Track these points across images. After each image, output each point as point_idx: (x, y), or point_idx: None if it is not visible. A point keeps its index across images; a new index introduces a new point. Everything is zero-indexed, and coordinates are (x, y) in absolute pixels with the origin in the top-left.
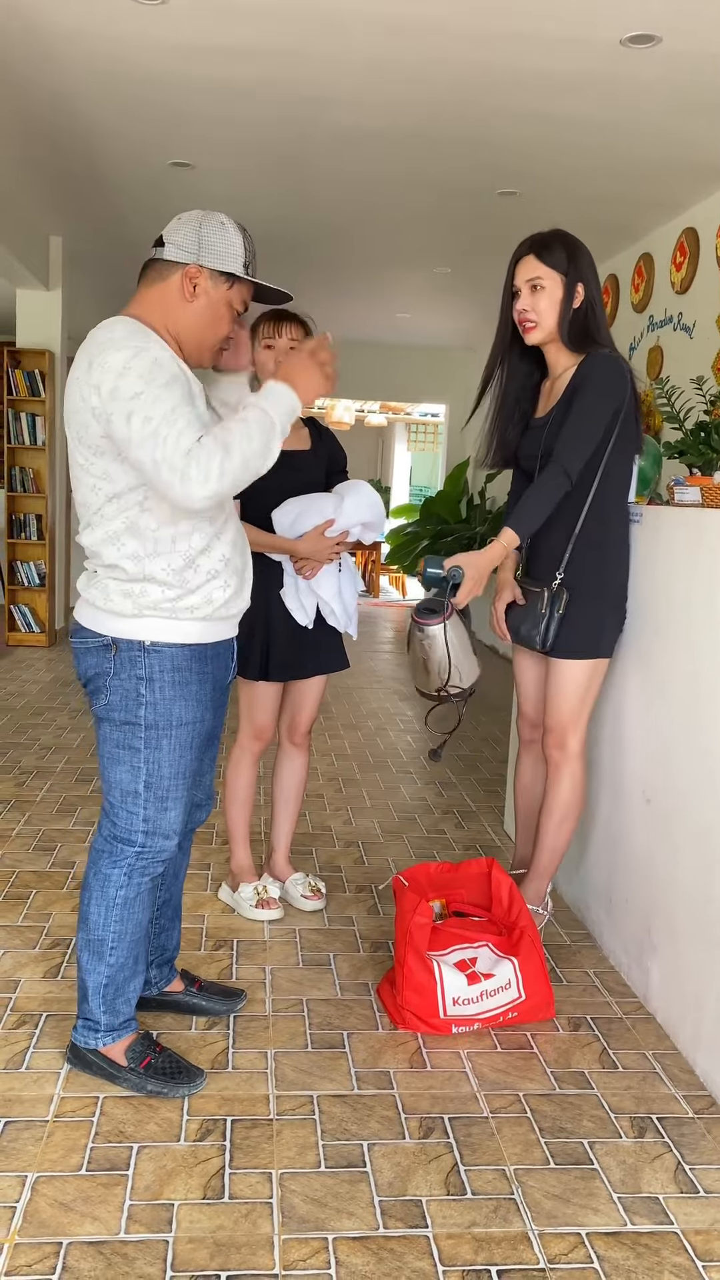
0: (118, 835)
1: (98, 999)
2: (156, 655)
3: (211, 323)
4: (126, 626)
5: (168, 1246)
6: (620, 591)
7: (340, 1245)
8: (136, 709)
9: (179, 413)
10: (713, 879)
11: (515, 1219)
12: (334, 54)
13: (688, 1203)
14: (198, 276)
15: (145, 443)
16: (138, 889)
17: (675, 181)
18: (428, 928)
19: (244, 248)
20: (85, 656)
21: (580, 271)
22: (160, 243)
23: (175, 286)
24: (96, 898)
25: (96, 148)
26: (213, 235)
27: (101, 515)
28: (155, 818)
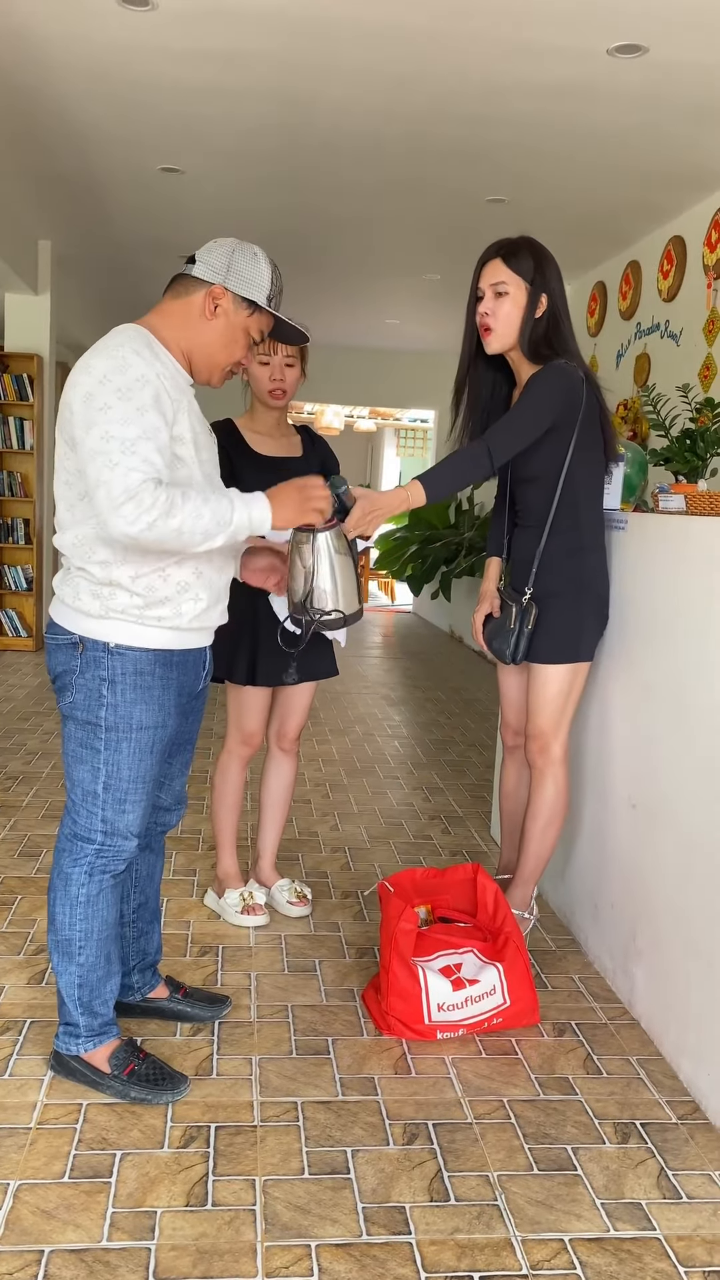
0: (78, 833)
1: (73, 1000)
2: (120, 658)
3: (227, 344)
4: (93, 626)
5: (150, 1254)
6: (601, 596)
7: (323, 1252)
8: (98, 709)
9: (139, 445)
10: (697, 885)
11: (498, 1225)
12: (323, 60)
13: (670, 1208)
14: (221, 298)
15: (96, 458)
16: (100, 886)
17: (663, 190)
18: (413, 933)
19: (271, 281)
20: (55, 653)
21: (546, 282)
22: (192, 260)
23: (198, 304)
24: (60, 897)
25: (86, 152)
26: (243, 263)
27: (73, 515)
28: (113, 819)
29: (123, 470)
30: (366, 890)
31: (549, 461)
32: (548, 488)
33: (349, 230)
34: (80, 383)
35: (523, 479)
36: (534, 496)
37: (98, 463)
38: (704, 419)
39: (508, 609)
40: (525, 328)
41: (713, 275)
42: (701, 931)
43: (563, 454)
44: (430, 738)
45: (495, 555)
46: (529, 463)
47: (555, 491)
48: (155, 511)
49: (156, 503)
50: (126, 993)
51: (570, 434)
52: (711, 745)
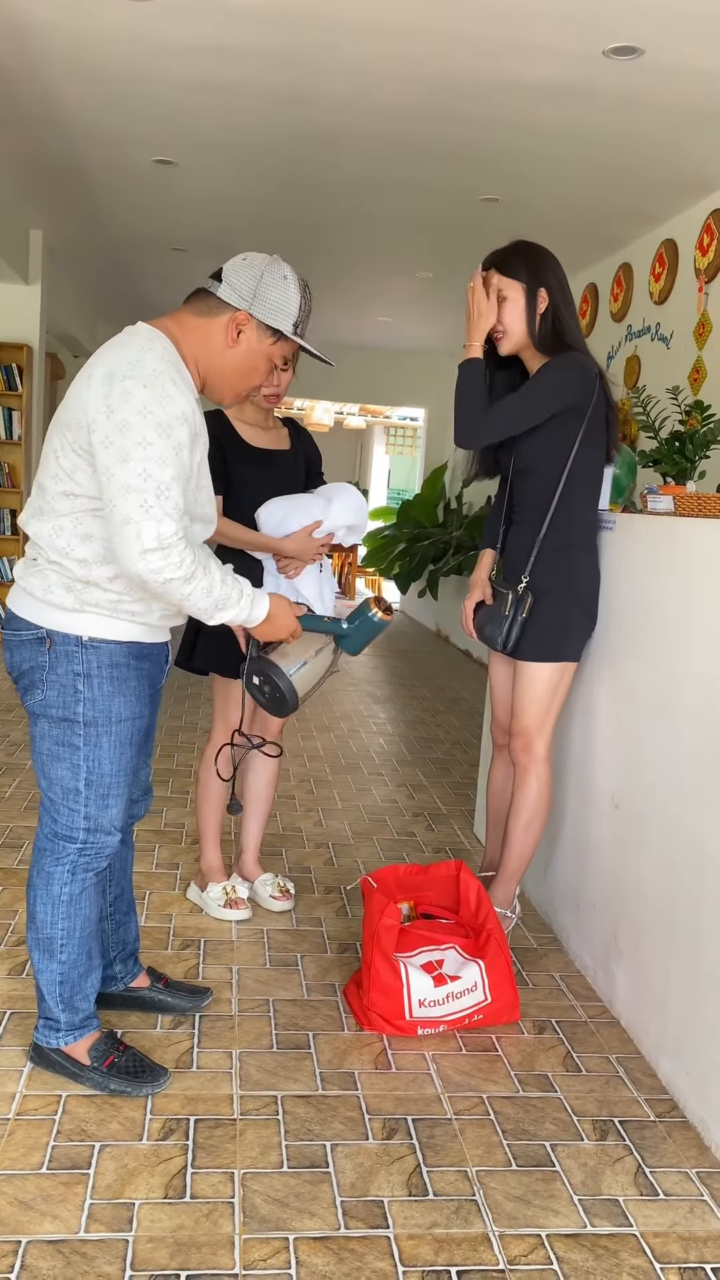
0: (59, 833)
1: (54, 997)
2: (94, 651)
3: (246, 372)
4: (64, 620)
5: (128, 1246)
6: (589, 596)
7: (301, 1245)
8: (75, 706)
9: (173, 490)
10: (679, 885)
11: (476, 1220)
12: (319, 56)
13: (647, 1205)
14: (245, 325)
15: (131, 495)
16: (82, 885)
17: (656, 193)
18: (395, 929)
19: (299, 306)
20: (18, 650)
21: (542, 277)
22: (218, 276)
23: (220, 327)
24: (41, 896)
25: (78, 143)
26: (271, 287)
27: (54, 508)
28: (97, 815)
29: (157, 516)
30: (349, 886)
31: (552, 452)
32: (548, 480)
33: (341, 227)
34: (115, 406)
35: (523, 469)
36: (532, 489)
37: (131, 500)
38: (693, 421)
39: (501, 597)
40: (531, 325)
41: (704, 279)
42: (682, 932)
43: (569, 446)
44: (415, 735)
45: (490, 547)
46: (532, 452)
47: (556, 485)
48: (179, 572)
49: (183, 563)
50: (109, 983)
51: (578, 426)
52: (694, 746)
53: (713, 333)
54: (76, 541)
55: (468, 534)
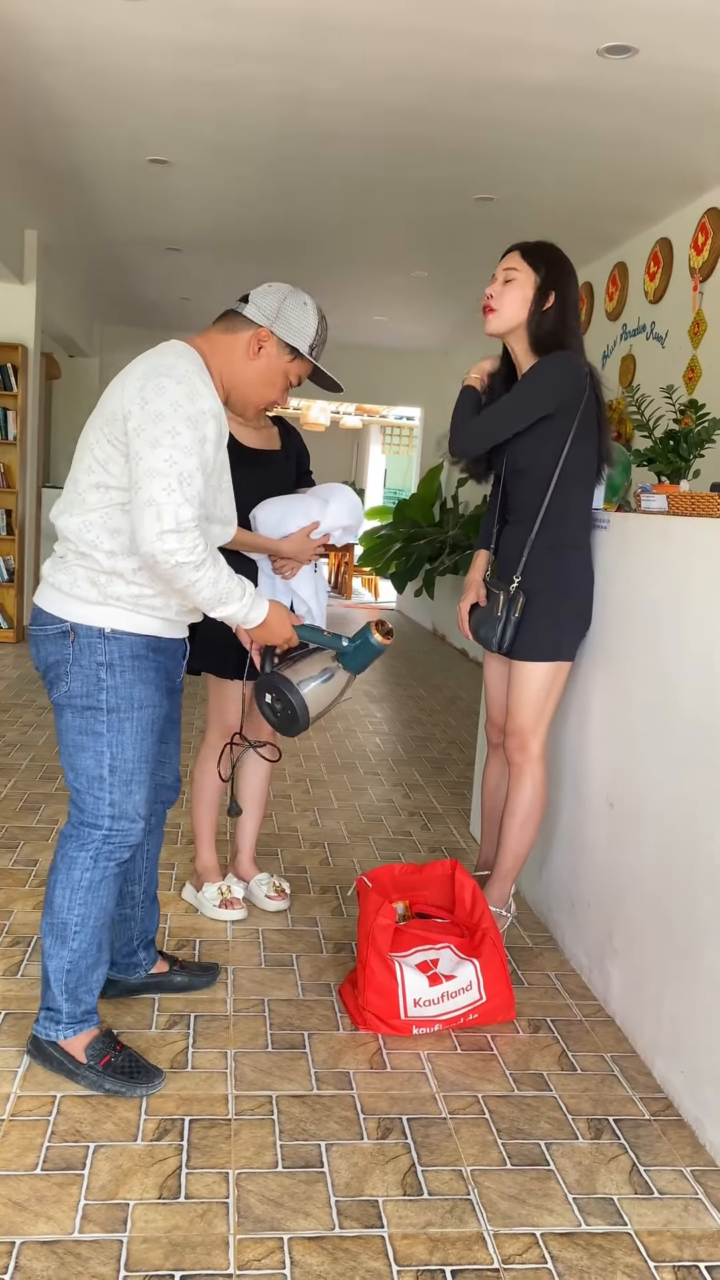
0: (84, 820)
1: (59, 985)
2: (116, 642)
3: (265, 385)
4: (88, 612)
5: (122, 1246)
6: (583, 597)
7: (296, 1245)
8: (98, 694)
9: (195, 478)
10: (674, 884)
11: (471, 1219)
12: (313, 55)
13: (642, 1204)
14: (266, 340)
15: (155, 479)
16: (103, 873)
17: (650, 192)
18: (390, 929)
19: (316, 331)
20: (44, 643)
21: (557, 279)
22: (246, 299)
23: (243, 342)
24: (62, 880)
25: (73, 142)
26: (292, 310)
27: (84, 501)
28: (120, 801)
29: (178, 500)
30: (346, 888)
31: (544, 452)
32: (540, 480)
33: (337, 226)
34: (150, 399)
35: (517, 470)
36: (526, 489)
37: (156, 484)
38: (688, 420)
39: (494, 598)
40: (531, 319)
41: (699, 277)
42: (676, 930)
43: (560, 445)
44: (411, 734)
45: (484, 548)
46: (524, 452)
47: (547, 484)
48: (190, 557)
49: (195, 549)
50: (133, 970)
51: (570, 425)
52: (689, 745)
53: (708, 331)
54: (105, 535)
55: (464, 533)
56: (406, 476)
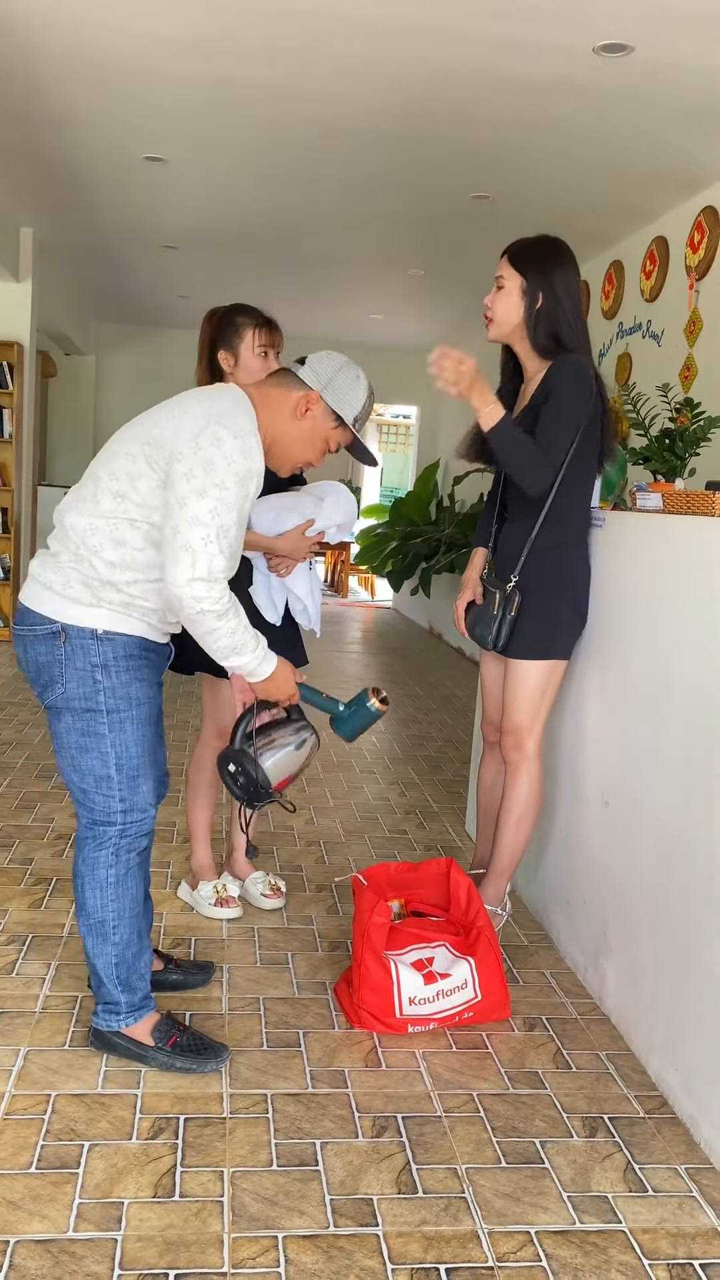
0: (97, 820)
1: (111, 980)
2: (109, 643)
3: (306, 445)
4: (80, 613)
5: (116, 1245)
6: (580, 595)
7: (290, 1243)
8: (95, 696)
9: (231, 532)
10: (669, 882)
11: (465, 1217)
12: (308, 52)
13: (636, 1202)
14: (315, 404)
15: (197, 526)
16: (127, 865)
17: (646, 190)
18: (385, 927)
19: (363, 405)
20: (34, 644)
21: (545, 277)
22: (303, 361)
23: (293, 401)
24: (88, 882)
25: (69, 139)
26: (345, 380)
27: (98, 504)
28: (130, 796)
29: (214, 551)
30: (342, 887)
31: None
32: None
33: (332, 224)
34: (204, 445)
35: None
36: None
37: (197, 533)
38: (683, 419)
39: (491, 596)
40: (527, 321)
41: (694, 276)
42: (672, 928)
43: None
44: (407, 733)
45: (482, 545)
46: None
47: (552, 486)
48: (215, 606)
49: (221, 599)
50: None
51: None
52: (684, 743)
53: (703, 330)
54: (109, 544)
55: (460, 531)
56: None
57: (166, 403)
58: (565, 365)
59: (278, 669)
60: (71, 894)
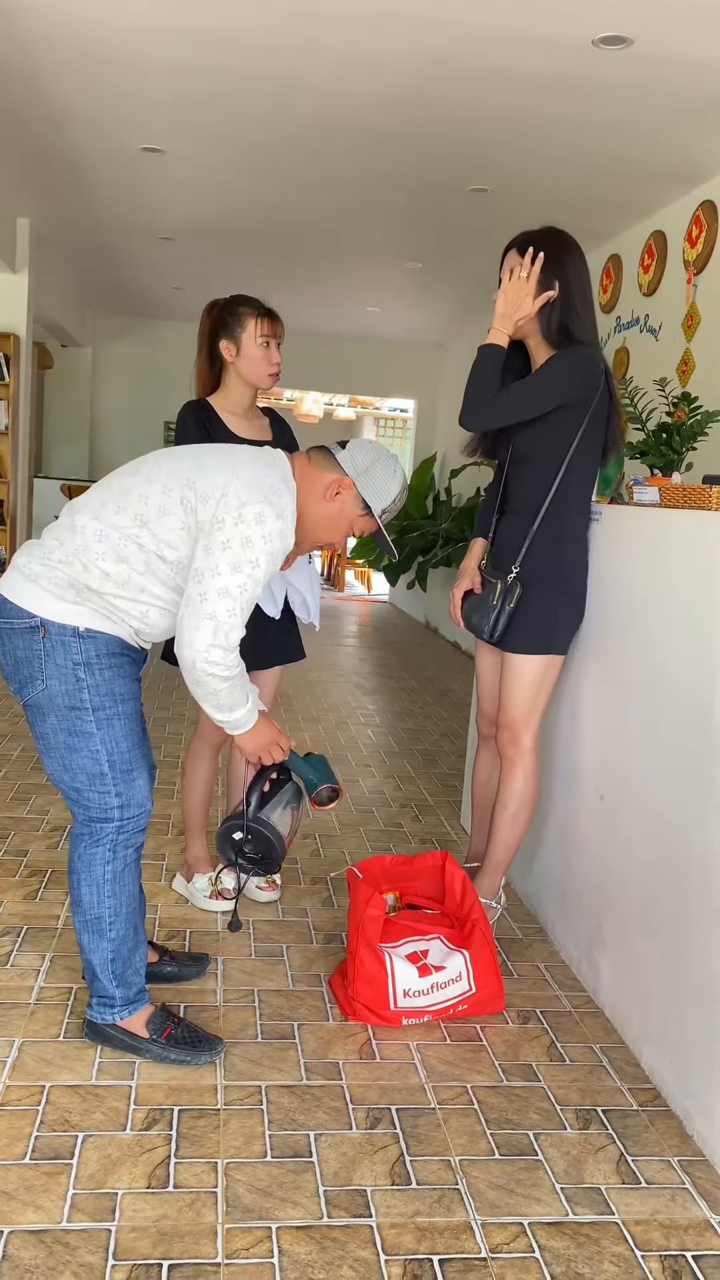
0: (93, 817)
1: (107, 975)
2: (91, 640)
3: (330, 526)
4: (62, 610)
5: (110, 1235)
6: (577, 589)
7: (284, 1234)
8: (79, 694)
9: (251, 606)
10: (663, 876)
11: (458, 1209)
12: (306, 44)
13: (629, 1193)
14: (346, 490)
15: (225, 599)
16: (124, 862)
17: (645, 184)
18: (380, 920)
19: (393, 498)
20: (11, 638)
21: (555, 267)
22: (344, 445)
23: (326, 483)
24: (84, 879)
25: (66, 130)
26: (380, 471)
27: (115, 517)
28: (126, 791)
29: (235, 624)
30: (337, 880)
31: (553, 443)
32: (545, 472)
33: (330, 216)
34: (247, 519)
35: (520, 459)
36: (528, 479)
37: (224, 604)
38: (680, 413)
39: (490, 586)
40: (540, 312)
41: (692, 270)
42: (665, 922)
43: (569, 438)
44: (403, 726)
45: (481, 536)
46: (530, 441)
47: (552, 477)
48: (226, 672)
49: (231, 666)
50: None
51: (581, 419)
52: (679, 738)
53: (701, 324)
54: (111, 557)
55: (457, 525)
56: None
57: (220, 450)
58: (568, 352)
59: (260, 721)
60: (66, 886)
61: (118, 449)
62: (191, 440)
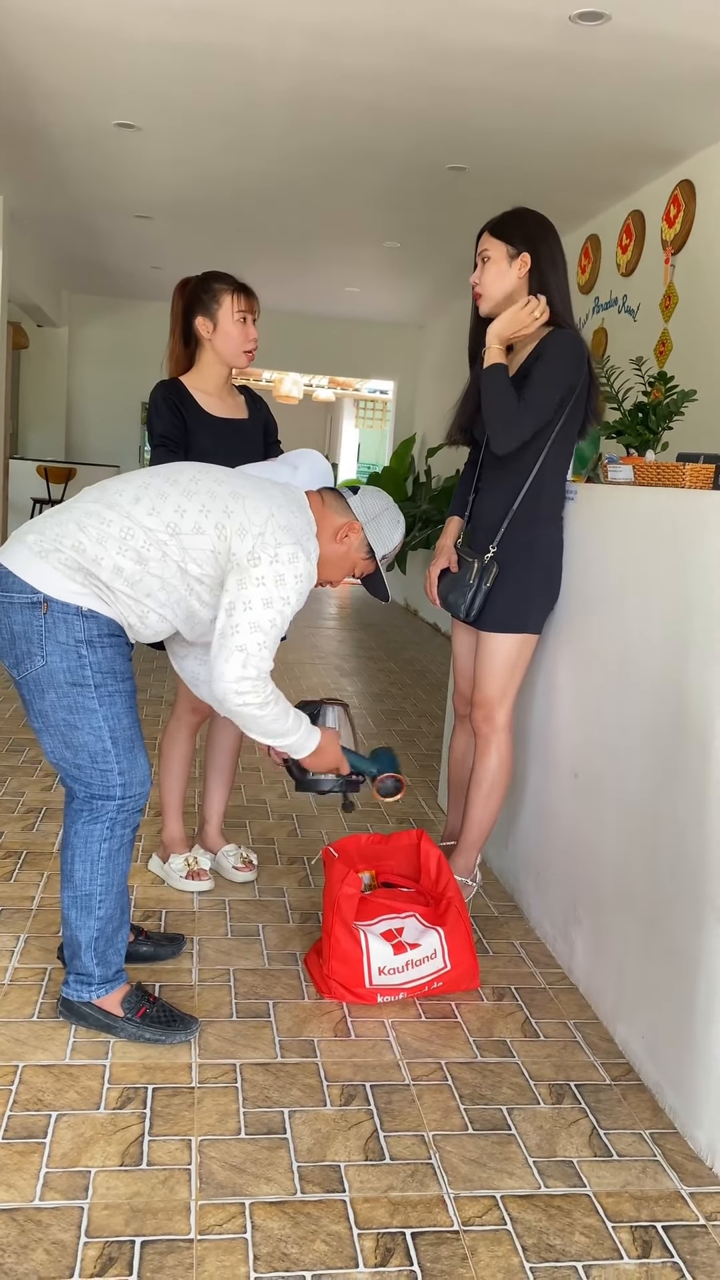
0: (94, 794)
1: (89, 952)
2: (93, 620)
3: (334, 567)
4: (68, 589)
5: (83, 1213)
6: (552, 569)
7: (257, 1210)
8: (81, 670)
9: (277, 642)
10: (635, 853)
11: (432, 1183)
12: (281, 18)
13: (601, 1166)
14: (354, 533)
15: (255, 633)
16: (120, 841)
17: (623, 164)
18: (355, 898)
19: (395, 546)
20: (10, 611)
21: (531, 245)
22: (355, 490)
23: (337, 525)
24: (80, 855)
25: (39, 105)
26: (386, 520)
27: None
28: (129, 769)
29: (264, 656)
30: (313, 858)
31: None
32: (525, 452)
33: (306, 194)
34: (281, 559)
35: None
36: (507, 460)
37: (254, 638)
38: (657, 393)
39: (466, 565)
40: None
41: (670, 250)
42: (639, 899)
43: (553, 425)
44: (381, 708)
45: (457, 515)
46: None
47: (536, 457)
48: (258, 699)
49: (264, 692)
50: None
51: (566, 402)
52: (652, 715)
53: (679, 305)
54: (131, 557)
55: (435, 507)
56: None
57: (255, 483)
58: (562, 338)
59: (323, 741)
60: (40, 868)
61: (94, 430)
62: (164, 422)
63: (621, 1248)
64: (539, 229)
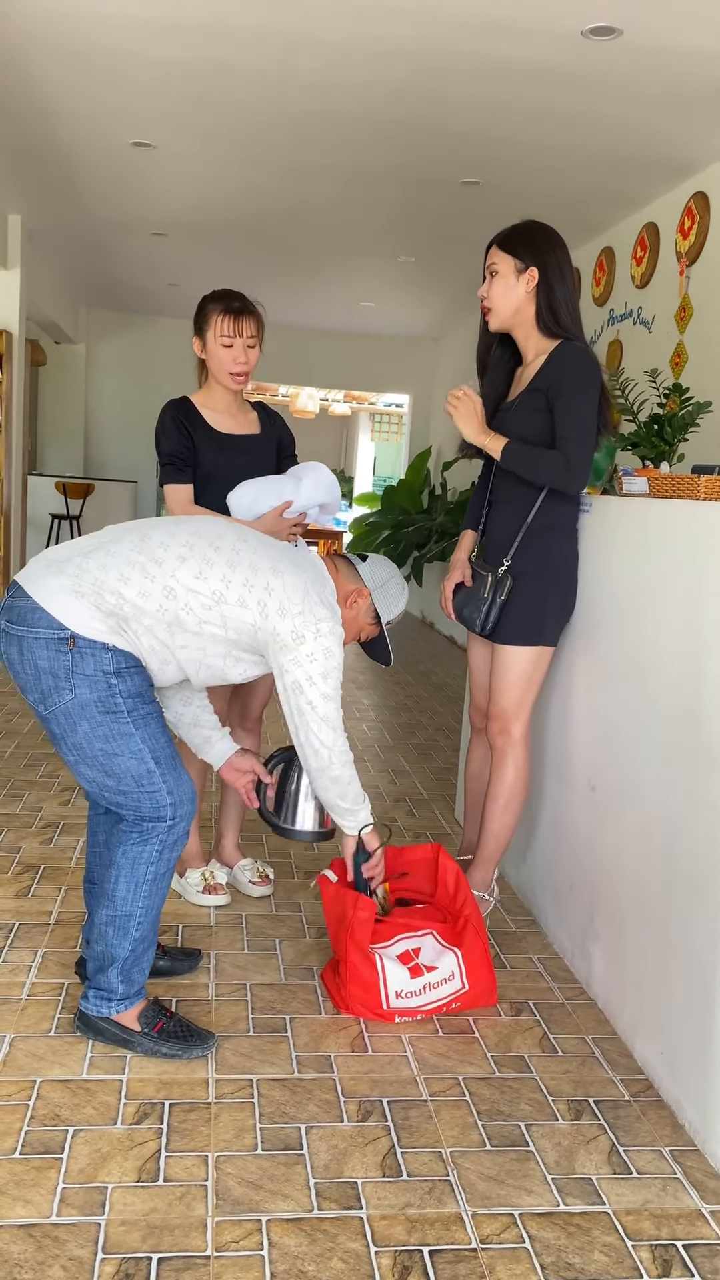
0: (144, 816)
1: (116, 970)
2: (118, 654)
3: (346, 631)
4: (95, 628)
5: (100, 1229)
6: (567, 581)
7: (274, 1227)
8: (112, 699)
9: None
10: (653, 866)
11: (449, 1200)
12: (296, 36)
13: (620, 1184)
14: (362, 599)
15: (327, 701)
16: (167, 865)
17: (637, 176)
18: (369, 922)
19: (399, 613)
20: (34, 648)
21: (538, 257)
22: (364, 558)
23: (347, 591)
24: (126, 875)
25: (57, 125)
26: (394, 588)
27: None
28: (176, 787)
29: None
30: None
31: (544, 437)
32: None
33: (322, 210)
34: (324, 633)
35: None
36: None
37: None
38: (672, 404)
39: (481, 579)
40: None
41: (685, 262)
42: (657, 913)
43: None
44: (398, 721)
45: (471, 528)
46: (520, 434)
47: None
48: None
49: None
50: None
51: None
52: (670, 728)
53: (694, 316)
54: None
55: (451, 520)
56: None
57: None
58: (574, 355)
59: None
60: (57, 882)
61: (112, 446)
62: (170, 440)
63: (641, 1266)
64: (546, 242)
